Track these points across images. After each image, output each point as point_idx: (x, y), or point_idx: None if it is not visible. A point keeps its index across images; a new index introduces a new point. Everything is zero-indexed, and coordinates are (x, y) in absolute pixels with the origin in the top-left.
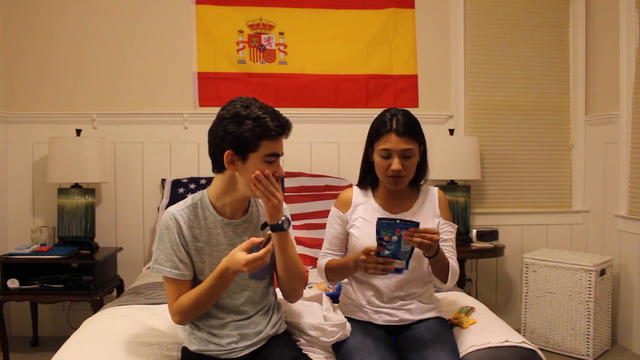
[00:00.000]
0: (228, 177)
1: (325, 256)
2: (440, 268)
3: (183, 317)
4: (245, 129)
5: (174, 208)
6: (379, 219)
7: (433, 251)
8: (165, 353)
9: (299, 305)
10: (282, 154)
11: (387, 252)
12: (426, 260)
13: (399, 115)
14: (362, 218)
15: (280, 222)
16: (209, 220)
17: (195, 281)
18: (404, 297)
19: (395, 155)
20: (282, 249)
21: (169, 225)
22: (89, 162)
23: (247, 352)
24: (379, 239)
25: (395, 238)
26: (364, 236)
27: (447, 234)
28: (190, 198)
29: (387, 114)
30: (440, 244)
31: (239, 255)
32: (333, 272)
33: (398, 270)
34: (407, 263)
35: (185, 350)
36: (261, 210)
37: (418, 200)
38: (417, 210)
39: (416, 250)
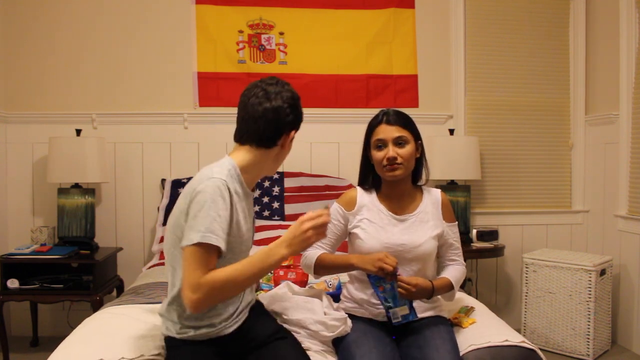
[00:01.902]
0: (274, 153)
1: (315, 248)
2: (443, 294)
3: (208, 295)
4: (300, 113)
5: (220, 174)
6: (368, 276)
7: (425, 296)
8: (159, 344)
9: (299, 302)
10: None
11: (387, 302)
12: (429, 264)
13: (390, 111)
14: (367, 219)
15: None
16: (238, 191)
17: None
18: None
19: (389, 143)
20: None
21: (222, 194)
22: (89, 162)
23: (235, 327)
24: (376, 293)
25: (388, 286)
26: (370, 238)
27: (452, 237)
28: (221, 165)
29: (379, 113)
30: (446, 249)
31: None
32: (326, 268)
33: (405, 317)
34: (411, 309)
35: (170, 340)
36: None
37: (423, 202)
38: (422, 212)
39: (419, 253)
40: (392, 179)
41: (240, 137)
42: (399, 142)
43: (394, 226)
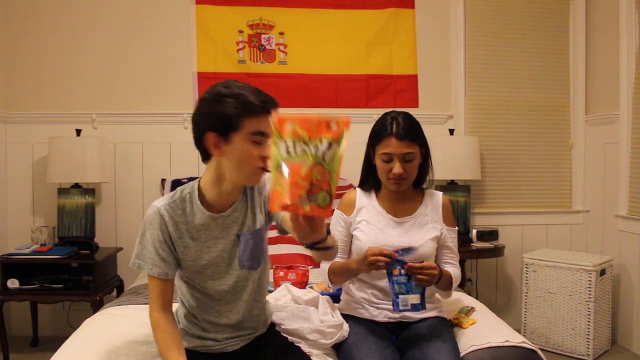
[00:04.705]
0: (215, 163)
1: None
2: (443, 286)
3: (153, 331)
4: (225, 107)
5: (159, 202)
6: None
7: (435, 280)
8: None
9: (295, 311)
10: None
11: (399, 288)
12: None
13: (400, 119)
14: (365, 221)
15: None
16: (197, 216)
17: (191, 279)
18: None
19: (396, 159)
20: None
21: (152, 221)
22: (89, 162)
23: (241, 345)
24: (389, 274)
25: (404, 271)
26: (368, 240)
27: (449, 240)
28: (179, 190)
29: (387, 117)
30: (442, 251)
31: None
32: (336, 275)
33: (415, 307)
34: (422, 299)
35: None
36: (255, 201)
37: (422, 204)
38: (421, 214)
39: (418, 255)
40: (395, 190)
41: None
42: (406, 159)
43: (392, 228)
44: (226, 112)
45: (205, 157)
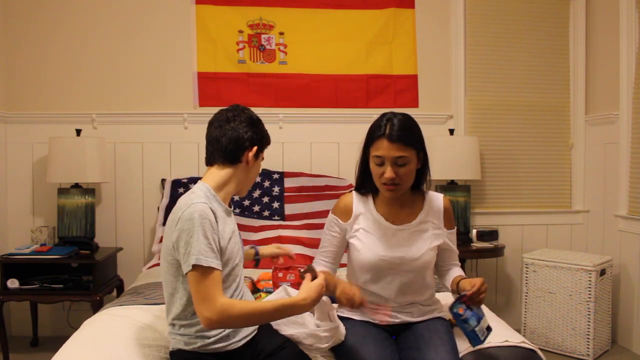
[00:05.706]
0: (241, 169)
1: (318, 265)
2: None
3: (222, 318)
4: (264, 131)
5: (202, 199)
6: (451, 310)
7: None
8: (164, 355)
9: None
10: None
11: (471, 322)
12: (428, 271)
13: (395, 120)
14: (363, 229)
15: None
16: (218, 212)
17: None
18: (404, 304)
19: (388, 163)
20: None
21: (207, 215)
22: (89, 162)
23: (244, 342)
24: (455, 315)
25: (465, 306)
26: (367, 250)
27: (452, 244)
28: (197, 191)
29: (383, 118)
30: (448, 255)
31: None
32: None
33: (489, 328)
34: (487, 330)
35: (178, 352)
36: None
37: (423, 210)
38: (422, 221)
39: (418, 265)
40: (389, 197)
41: (209, 158)
42: (398, 163)
43: (392, 236)
44: (264, 136)
45: (231, 161)
